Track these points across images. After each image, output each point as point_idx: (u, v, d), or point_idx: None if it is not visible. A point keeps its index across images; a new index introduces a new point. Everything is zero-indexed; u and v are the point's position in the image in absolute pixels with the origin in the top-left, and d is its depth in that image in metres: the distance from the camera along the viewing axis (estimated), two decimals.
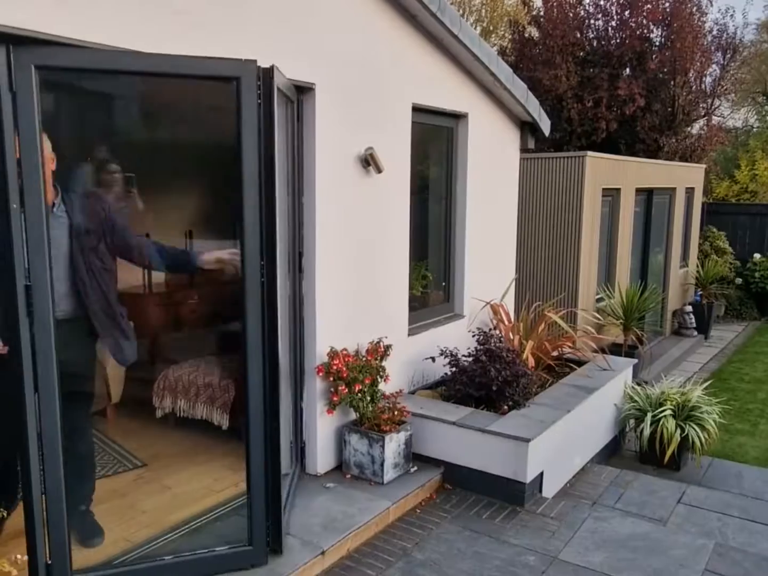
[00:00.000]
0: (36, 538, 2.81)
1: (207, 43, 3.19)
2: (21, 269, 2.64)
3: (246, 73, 2.89)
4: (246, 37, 3.41)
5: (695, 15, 11.11)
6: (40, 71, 2.57)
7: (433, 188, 5.50)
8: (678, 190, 9.90)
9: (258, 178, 2.97)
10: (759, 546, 3.93)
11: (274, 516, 3.28)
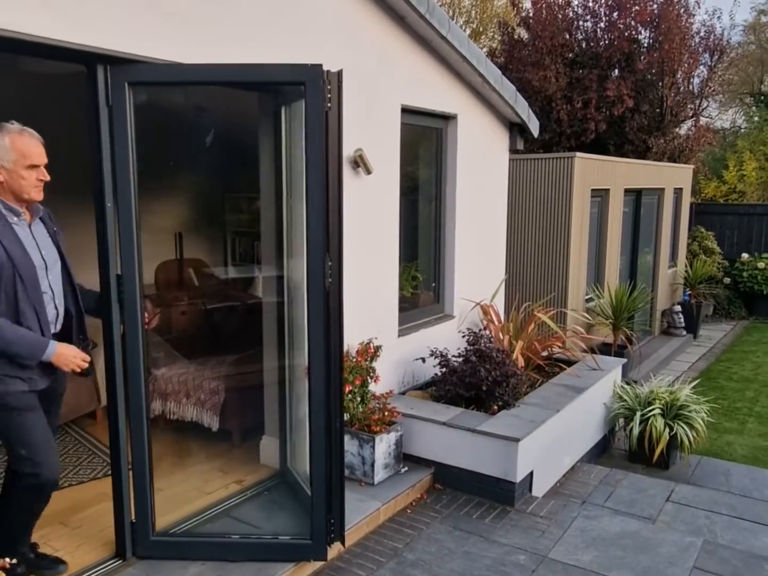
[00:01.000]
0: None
1: (200, 45, 3.19)
2: (114, 260, 3.06)
3: (312, 76, 3.01)
4: (243, 35, 3.41)
5: (683, 16, 11.20)
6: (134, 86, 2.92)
7: (422, 189, 5.51)
8: (666, 190, 9.96)
9: (325, 180, 3.04)
10: (747, 543, 3.97)
11: (338, 510, 3.38)
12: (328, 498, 3.30)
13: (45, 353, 2.74)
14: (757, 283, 11.87)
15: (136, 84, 2.94)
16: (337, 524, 3.38)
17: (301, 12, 3.81)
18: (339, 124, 3.05)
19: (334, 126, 3.03)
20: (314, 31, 3.91)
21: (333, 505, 3.33)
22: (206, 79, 3.10)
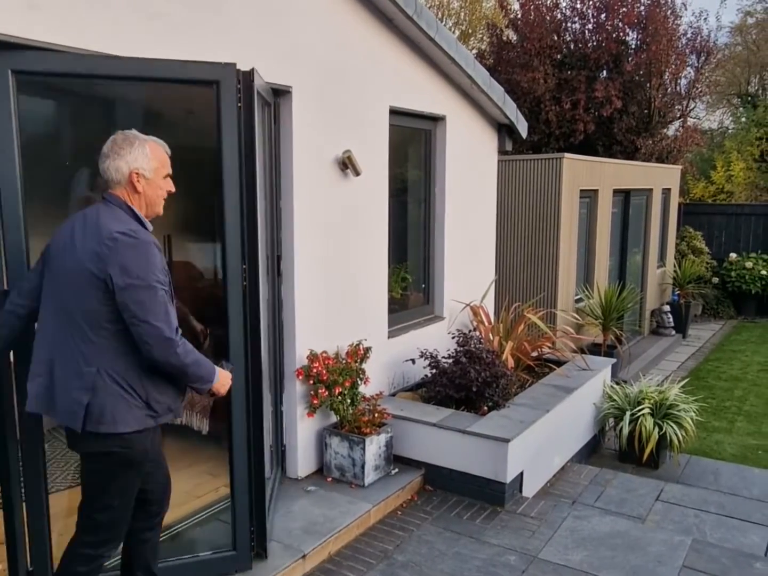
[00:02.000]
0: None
1: (184, 46, 3.17)
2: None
3: (226, 76, 2.88)
4: (222, 39, 3.40)
5: (670, 18, 11.26)
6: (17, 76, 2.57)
7: (412, 190, 5.52)
8: (655, 190, 10.02)
9: (239, 182, 2.96)
10: (735, 541, 3.99)
11: (258, 520, 3.28)
12: (251, 507, 3.21)
13: (215, 375, 2.50)
14: (745, 283, 11.94)
15: (20, 73, 2.57)
16: (258, 534, 3.30)
17: (285, 11, 3.80)
18: (251, 123, 2.99)
19: (249, 125, 2.98)
20: (299, 32, 3.90)
21: (255, 515, 3.25)
22: (110, 73, 2.75)
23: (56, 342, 2.36)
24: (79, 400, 2.29)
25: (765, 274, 11.86)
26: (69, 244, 2.34)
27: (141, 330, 2.27)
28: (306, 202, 4.08)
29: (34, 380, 2.39)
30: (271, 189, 3.93)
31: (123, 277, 2.24)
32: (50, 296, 2.39)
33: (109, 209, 2.37)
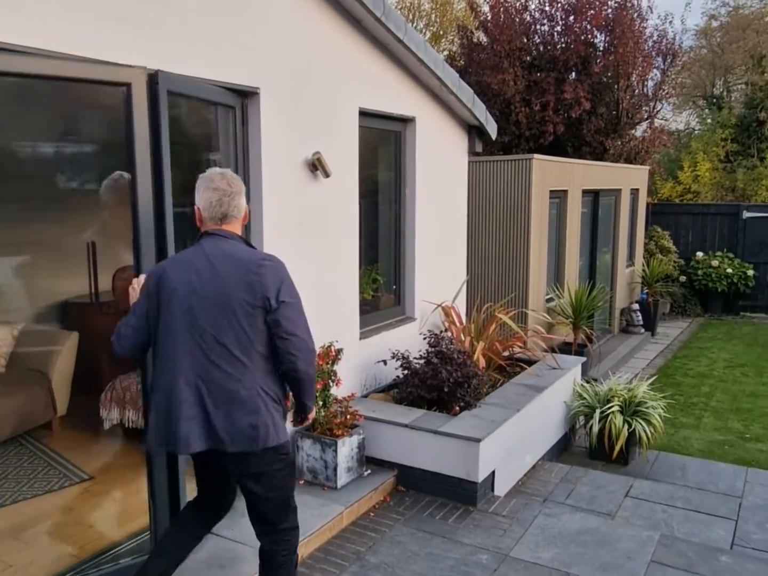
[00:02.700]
0: None
1: (144, 48, 3.14)
2: None
3: (135, 79, 2.92)
4: (183, 40, 3.36)
5: (636, 21, 11.45)
6: None
7: (382, 192, 5.52)
8: (623, 191, 10.16)
9: (151, 181, 3.02)
10: (702, 535, 4.07)
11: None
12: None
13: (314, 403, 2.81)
14: (711, 281, 12.18)
15: None
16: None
17: (250, 12, 3.78)
18: (159, 125, 3.04)
19: (158, 128, 3.04)
20: (266, 33, 3.88)
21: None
22: (21, 71, 2.66)
23: (201, 380, 2.46)
24: (251, 423, 2.46)
25: (731, 272, 12.10)
26: (207, 278, 2.47)
27: (289, 343, 2.47)
28: (275, 203, 4.06)
29: (189, 422, 2.45)
30: None
31: (277, 297, 2.45)
32: (182, 331, 2.47)
33: (228, 242, 2.55)
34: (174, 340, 2.48)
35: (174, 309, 2.47)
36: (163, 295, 2.50)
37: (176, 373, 2.47)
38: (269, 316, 2.45)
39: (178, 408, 2.45)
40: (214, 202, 2.54)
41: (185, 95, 3.19)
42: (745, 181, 16.39)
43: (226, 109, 3.60)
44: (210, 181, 2.56)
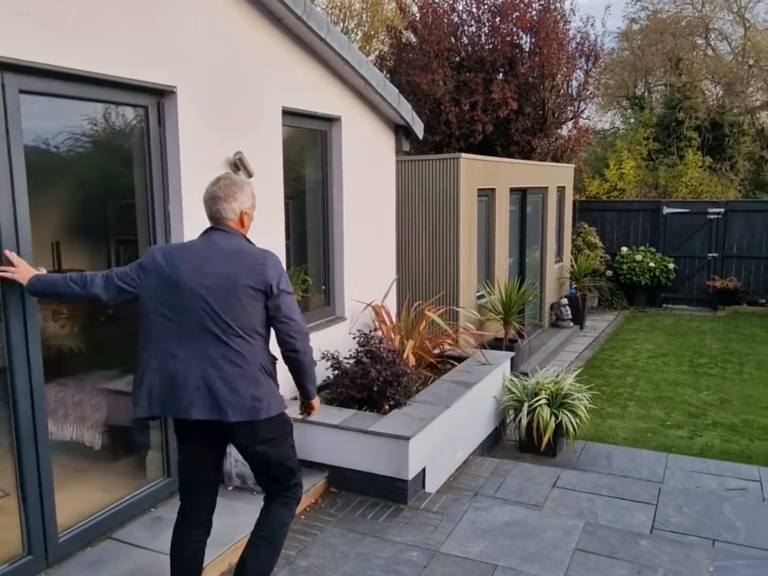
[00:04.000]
0: None
1: (52, 45, 3.02)
2: None
3: None
4: (92, 37, 3.25)
5: (559, 23, 11.75)
6: None
7: (310, 192, 5.48)
8: (550, 189, 10.41)
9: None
10: (624, 521, 4.21)
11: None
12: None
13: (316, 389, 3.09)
14: (635, 275, 12.64)
15: None
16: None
17: (164, 9, 3.68)
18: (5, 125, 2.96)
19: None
20: (182, 31, 3.79)
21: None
22: None
23: (207, 357, 2.69)
24: (254, 395, 2.71)
25: (653, 266, 12.59)
26: (210, 266, 2.72)
27: (288, 326, 2.76)
28: (197, 205, 3.96)
29: (193, 393, 2.69)
30: (161, 193, 3.82)
31: (278, 285, 2.73)
32: (182, 314, 2.69)
33: (233, 236, 2.84)
34: (180, 318, 2.70)
35: (181, 291, 2.70)
36: (164, 277, 2.73)
37: (181, 348, 2.70)
38: (270, 302, 2.73)
39: (183, 381, 2.69)
40: (204, 204, 2.90)
41: (46, 94, 3.05)
42: (667, 179, 17.08)
43: (136, 109, 3.49)
44: (209, 185, 2.90)
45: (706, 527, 4.14)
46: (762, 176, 18.44)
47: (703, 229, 12.68)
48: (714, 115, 18.04)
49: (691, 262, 12.83)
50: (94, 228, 3.96)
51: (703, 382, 8.13)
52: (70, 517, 3.60)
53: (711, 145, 18.02)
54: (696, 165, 16.92)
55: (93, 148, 3.60)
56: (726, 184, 17.49)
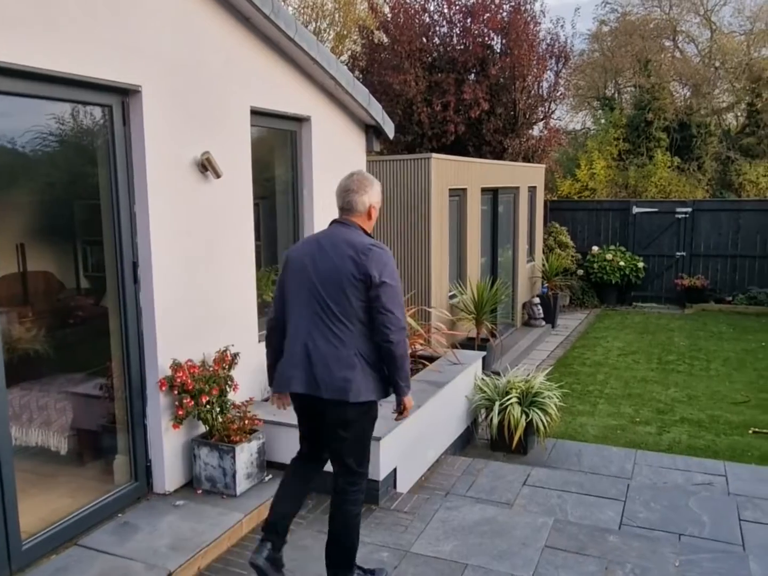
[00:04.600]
0: None
1: (13, 44, 2.96)
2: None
3: None
4: (59, 37, 3.19)
5: (530, 25, 11.85)
6: None
7: (280, 192, 5.45)
8: (521, 188, 10.49)
9: None
10: (593, 517, 4.25)
11: None
12: None
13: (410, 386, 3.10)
14: (606, 274, 12.79)
15: None
16: None
17: (132, 11, 3.63)
18: None
19: None
20: (146, 29, 3.74)
21: None
22: None
23: (308, 334, 2.98)
24: (345, 377, 2.92)
25: (623, 265, 12.75)
26: (324, 256, 3.00)
27: (385, 318, 2.89)
28: (163, 206, 3.92)
29: (295, 369, 3.01)
30: (126, 193, 3.77)
31: (379, 276, 2.89)
32: (300, 298, 3.03)
33: (349, 228, 3.06)
34: (295, 304, 3.05)
35: (297, 279, 3.05)
36: (289, 269, 3.10)
37: (295, 331, 3.04)
38: (371, 292, 2.90)
39: (290, 359, 3.03)
40: (337, 196, 3.16)
41: (6, 93, 2.97)
42: (636, 179, 17.33)
43: (100, 108, 3.43)
44: (342, 179, 3.17)
45: (673, 522, 4.20)
46: (728, 176, 18.78)
47: (672, 229, 12.88)
48: (682, 116, 18.34)
49: (660, 261, 13.03)
50: (60, 229, 3.89)
51: (671, 379, 8.26)
52: (34, 524, 3.53)
53: (679, 145, 18.32)
54: (665, 165, 17.18)
55: (58, 148, 3.54)
56: (694, 183, 17.79)
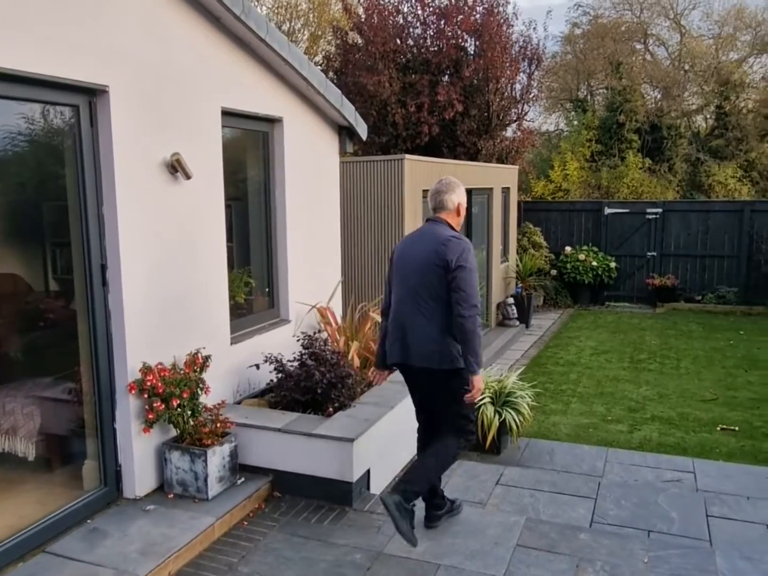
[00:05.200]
0: None
1: None
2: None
3: None
4: (20, 35, 3.14)
5: (503, 27, 11.93)
6: None
7: (253, 193, 5.42)
8: (495, 189, 10.56)
9: None
10: (564, 516, 4.29)
11: None
12: None
13: (482, 364, 3.55)
14: (579, 274, 12.92)
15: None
16: None
17: (99, 10, 3.59)
18: None
19: None
20: (114, 28, 3.69)
21: None
22: None
23: (405, 312, 3.63)
24: (432, 348, 3.55)
25: (596, 265, 12.89)
26: (416, 248, 3.64)
27: (458, 295, 3.44)
28: (132, 208, 3.88)
29: (395, 342, 3.68)
30: (94, 195, 3.72)
31: (456, 261, 3.46)
32: (400, 284, 3.68)
33: (438, 225, 3.68)
34: (396, 290, 3.71)
35: (398, 268, 3.72)
36: (393, 261, 3.78)
37: (396, 312, 3.69)
38: (449, 275, 3.46)
39: (393, 336, 3.69)
40: (430, 197, 3.76)
41: None
42: (609, 180, 17.53)
43: (67, 108, 3.38)
44: (434, 184, 3.76)
45: (643, 519, 4.26)
46: (698, 177, 19.10)
47: (643, 229, 13.06)
48: (653, 118, 18.61)
49: (632, 261, 13.20)
50: (29, 231, 3.82)
51: (642, 378, 8.37)
52: (1, 532, 3.47)
53: (650, 147, 18.58)
54: (636, 166, 17.41)
55: (26, 148, 3.48)
56: (665, 185, 18.07)
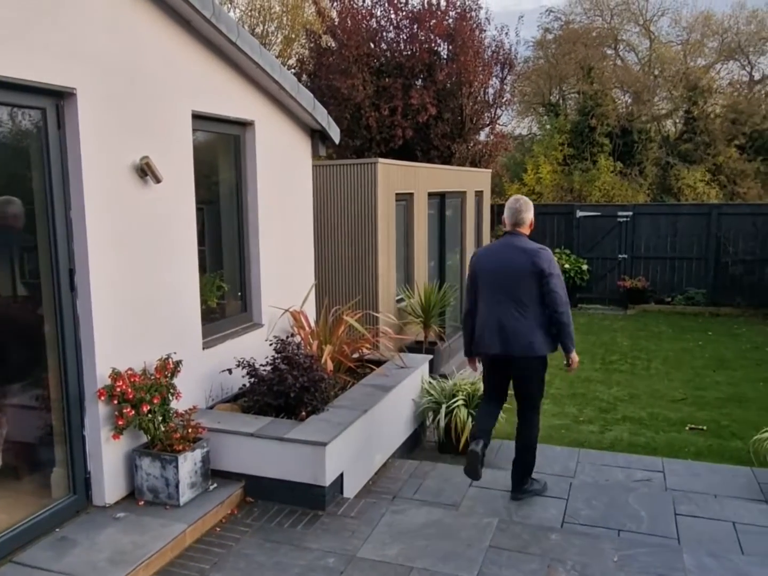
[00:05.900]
0: None
1: None
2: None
3: None
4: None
5: (475, 31, 12.03)
6: None
7: (225, 197, 5.39)
8: (468, 193, 10.62)
9: None
10: (536, 516, 4.33)
11: None
12: None
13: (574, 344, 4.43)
14: None
15: None
16: None
17: (65, 12, 3.55)
18: None
19: None
20: (81, 31, 3.65)
21: None
22: None
23: (501, 313, 4.29)
24: (529, 340, 4.25)
25: (568, 267, 13.04)
26: (506, 257, 4.31)
27: (552, 296, 4.20)
28: (101, 211, 3.84)
29: (493, 337, 4.32)
30: (61, 199, 3.67)
31: (548, 269, 4.20)
32: (494, 287, 4.33)
33: (519, 237, 4.35)
34: (485, 294, 4.38)
35: (485, 275, 4.38)
36: (478, 271, 4.44)
37: (488, 313, 4.35)
38: (543, 280, 4.19)
39: (489, 332, 4.34)
40: (509, 215, 4.41)
41: None
42: (581, 183, 17.76)
43: (34, 111, 3.34)
44: (510, 203, 4.45)
45: (613, 518, 4.31)
46: (668, 181, 19.43)
47: (614, 232, 13.24)
48: (624, 122, 18.89)
49: (603, 263, 13.37)
50: None
51: (614, 379, 8.48)
52: None
53: (621, 150, 18.86)
54: (608, 170, 17.67)
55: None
56: (636, 188, 18.35)
